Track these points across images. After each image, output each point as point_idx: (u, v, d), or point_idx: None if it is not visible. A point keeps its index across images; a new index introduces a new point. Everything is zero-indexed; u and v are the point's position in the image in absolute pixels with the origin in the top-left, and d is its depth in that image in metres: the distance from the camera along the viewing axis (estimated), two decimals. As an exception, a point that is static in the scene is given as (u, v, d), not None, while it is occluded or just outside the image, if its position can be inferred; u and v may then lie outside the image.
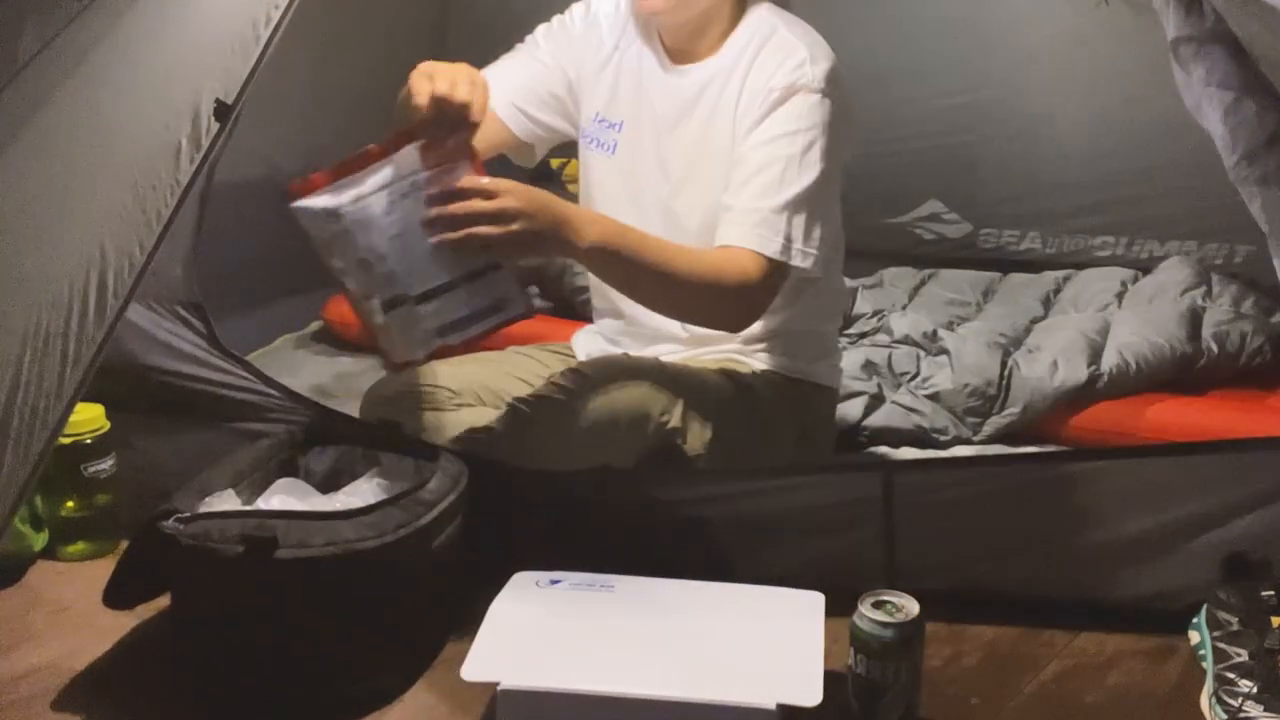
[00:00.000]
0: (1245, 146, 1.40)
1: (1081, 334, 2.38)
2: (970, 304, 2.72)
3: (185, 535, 1.45)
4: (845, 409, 2.19)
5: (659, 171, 1.86)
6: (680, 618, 1.53)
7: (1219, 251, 2.74)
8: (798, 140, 1.72)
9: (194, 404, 1.87)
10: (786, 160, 1.71)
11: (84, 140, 1.59)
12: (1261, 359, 2.35)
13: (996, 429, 2.23)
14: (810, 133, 1.72)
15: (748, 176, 1.72)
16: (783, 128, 1.73)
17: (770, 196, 1.70)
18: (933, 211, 2.96)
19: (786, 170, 1.71)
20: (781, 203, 1.70)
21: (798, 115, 1.73)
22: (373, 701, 1.52)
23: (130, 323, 1.81)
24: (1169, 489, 1.65)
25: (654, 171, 1.86)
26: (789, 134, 1.72)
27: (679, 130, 1.85)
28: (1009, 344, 2.41)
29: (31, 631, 1.68)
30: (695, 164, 1.83)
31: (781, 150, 1.72)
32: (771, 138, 1.73)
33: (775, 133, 1.73)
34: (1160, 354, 2.29)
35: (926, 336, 2.45)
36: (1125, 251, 2.85)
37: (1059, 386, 2.22)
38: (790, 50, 1.76)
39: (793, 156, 1.71)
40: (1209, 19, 1.41)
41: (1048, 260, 2.91)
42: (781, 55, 1.76)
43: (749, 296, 1.72)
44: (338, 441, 1.74)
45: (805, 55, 1.75)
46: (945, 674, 1.58)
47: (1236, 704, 1.42)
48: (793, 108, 1.73)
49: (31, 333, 1.43)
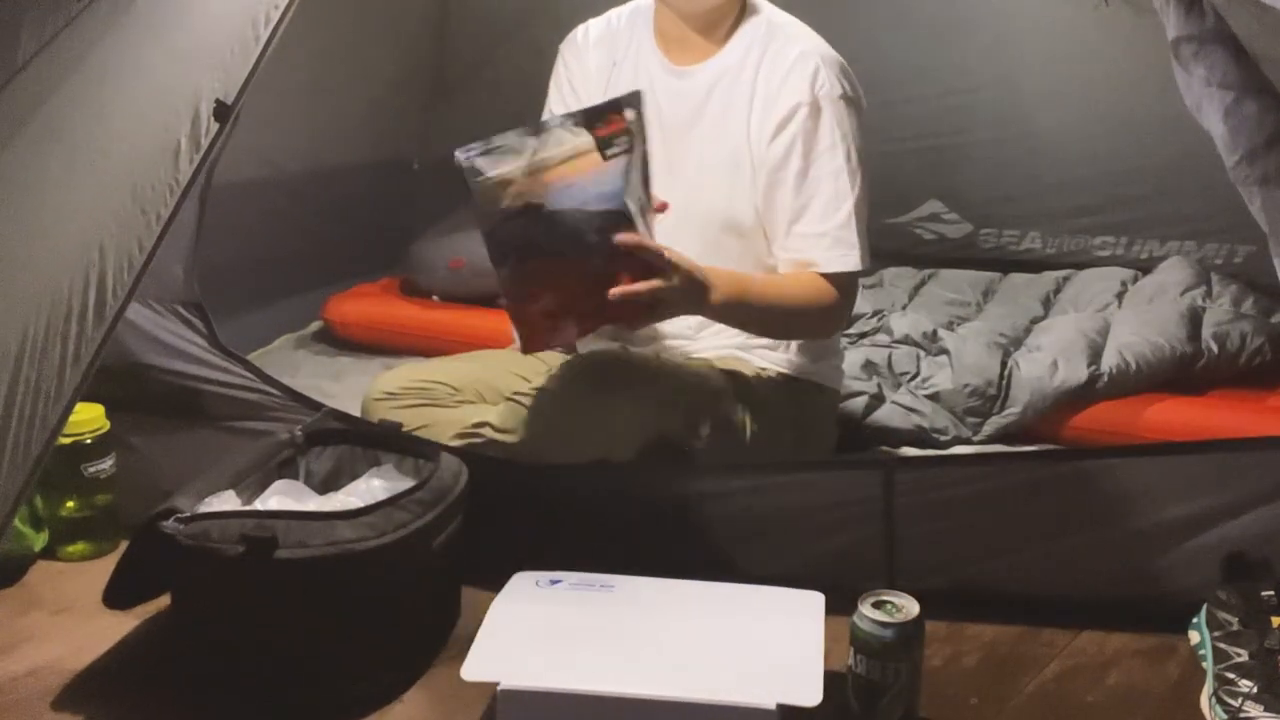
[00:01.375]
0: (1245, 146, 1.40)
1: (1081, 334, 2.38)
2: (970, 304, 2.72)
3: (185, 535, 1.45)
4: (845, 409, 2.19)
5: (668, 176, 1.86)
6: (680, 618, 1.53)
7: (1219, 251, 2.74)
8: (837, 154, 1.78)
9: (194, 404, 1.87)
10: (834, 176, 1.78)
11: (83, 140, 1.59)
12: (1261, 359, 2.35)
13: (996, 429, 2.23)
14: (845, 141, 1.78)
15: (807, 200, 1.78)
16: (822, 144, 1.78)
17: (831, 216, 1.77)
18: (933, 211, 2.96)
19: (838, 185, 1.78)
20: (843, 219, 1.78)
21: (830, 129, 1.77)
22: (373, 701, 1.52)
23: (130, 323, 1.81)
24: (1169, 489, 1.65)
25: (663, 176, 1.86)
26: (828, 149, 1.77)
27: (689, 134, 1.86)
28: (1009, 344, 2.41)
29: (31, 631, 1.68)
30: (707, 166, 1.84)
31: (826, 168, 1.77)
32: (815, 158, 1.77)
33: (817, 150, 1.77)
34: (1160, 354, 2.29)
35: (926, 336, 2.44)
36: (1125, 251, 2.85)
37: (1059, 386, 2.22)
38: (799, 56, 1.78)
39: (838, 170, 1.78)
40: (1209, 19, 1.41)
41: (1048, 260, 2.91)
42: (791, 61, 1.77)
43: (842, 308, 1.85)
44: (338, 441, 1.74)
45: (817, 62, 1.78)
46: (945, 674, 1.58)
47: (1236, 704, 1.42)
48: (825, 123, 1.77)
49: (31, 332, 1.43)
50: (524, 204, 1.55)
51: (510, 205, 1.55)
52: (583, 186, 1.57)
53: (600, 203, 1.57)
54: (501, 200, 1.55)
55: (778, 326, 1.84)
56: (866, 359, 2.34)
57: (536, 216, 1.55)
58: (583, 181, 1.57)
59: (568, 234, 1.57)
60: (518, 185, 1.55)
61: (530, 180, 1.55)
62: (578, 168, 1.57)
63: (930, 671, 1.50)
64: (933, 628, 1.51)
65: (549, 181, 1.55)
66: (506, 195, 1.55)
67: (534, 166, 1.55)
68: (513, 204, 1.55)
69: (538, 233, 1.56)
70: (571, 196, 1.56)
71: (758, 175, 1.81)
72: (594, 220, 1.57)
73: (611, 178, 1.58)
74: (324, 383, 2.48)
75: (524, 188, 1.55)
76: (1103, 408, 2.23)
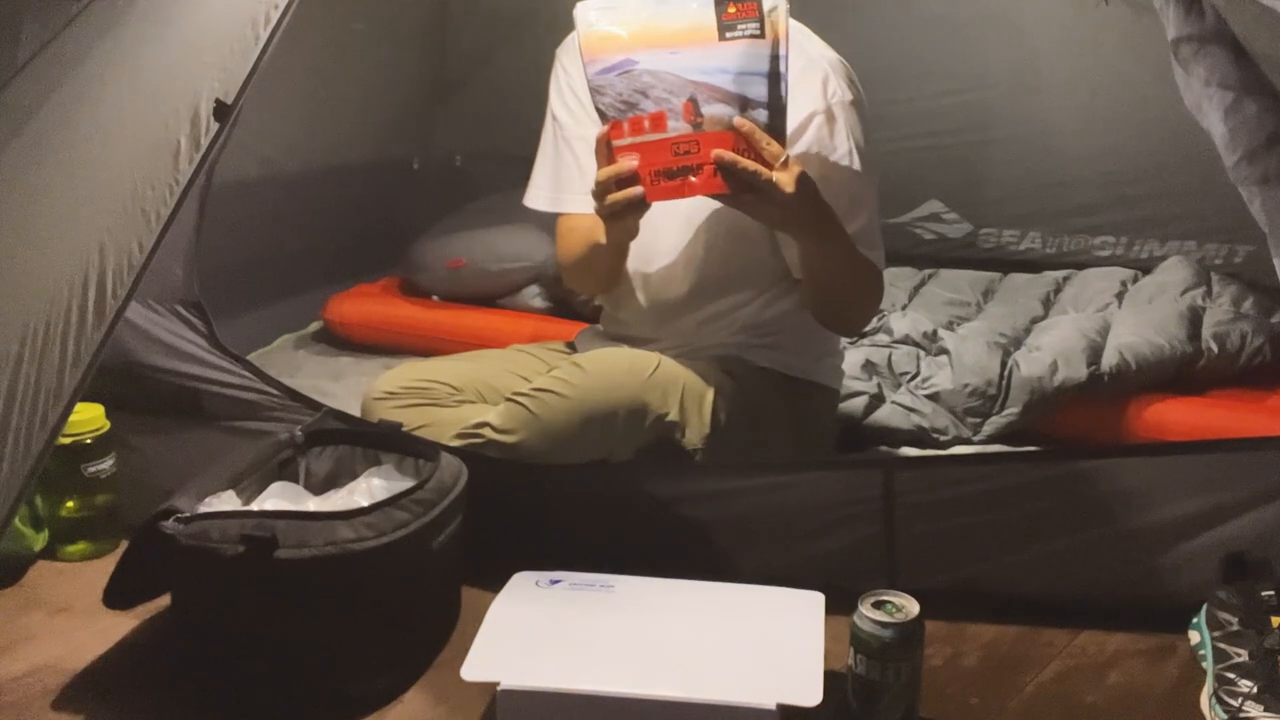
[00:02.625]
0: (1245, 146, 1.40)
1: (1081, 334, 2.38)
2: (970, 304, 2.72)
3: (185, 535, 1.45)
4: (845, 408, 2.19)
5: None
6: (680, 618, 1.53)
7: (1219, 251, 2.74)
8: (855, 156, 1.79)
9: (194, 404, 1.87)
10: (851, 181, 1.79)
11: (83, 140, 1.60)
12: (1261, 359, 2.35)
13: (996, 429, 2.23)
14: (859, 146, 1.79)
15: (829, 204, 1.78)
16: (839, 150, 1.79)
17: (857, 217, 1.79)
18: (933, 211, 2.96)
19: (855, 190, 1.79)
20: (864, 223, 1.80)
21: (844, 136, 1.79)
22: (373, 701, 1.52)
23: (130, 322, 1.81)
24: (1169, 488, 1.65)
25: None
26: (847, 153, 1.79)
27: None
28: (1009, 344, 2.41)
29: (31, 631, 1.68)
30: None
31: (845, 174, 1.79)
32: (835, 163, 1.78)
33: (836, 155, 1.78)
34: (1160, 354, 2.29)
35: (926, 336, 2.44)
36: (1125, 251, 2.85)
37: (1059, 386, 2.22)
38: (807, 63, 1.78)
39: (855, 175, 1.79)
40: (1209, 19, 1.41)
41: (1048, 260, 2.91)
42: (799, 68, 1.77)
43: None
44: (338, 441, 1.74)
45: (826, 69, 1.79)
46: (945, 674, 1.58)
47: (1236, 704, 1.42)
48: (841, 127, 1.78)
49: (31, 332, 1.43)
50: (623, 58, 1.59)
51: (606, 59, 1.59)
52: (690, 56, 1.59)
53: (703, 75, 1.59)
54: (601, 54, 1.59)
55: (837, 287, 1.82)
56: (866, 359, 2.33)
57: (633, 74, 1.59)
58: (691, 52, 1.59)
59: (661, 96, 1.60)
60: (620, 43, 1.59)
61: (634, 40, 1.59)
62: (689, 39, 1.59)
63: (930, 671, 1.50)
64: (933, 628, 1.50)
65: (653, 45, 1.59)
66: (608, 48, 1.59)
67: (644, 28, 1.59)
68: (607, 56, 1.59)
69: (629, 88, 1.60)
70: (675, 64, 1.59)
71: None
72: (688, 90, 1.59)
73: (726, 56, 1.59)
74: (324, 383, 2.48)
75: (626, 46, 1.59)
76: (1103, 408, 2.23)
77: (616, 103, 1.60)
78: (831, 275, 1.80)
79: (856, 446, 2.18)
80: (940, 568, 1.69)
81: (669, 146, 1.61)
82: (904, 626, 1.41)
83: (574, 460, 1.74)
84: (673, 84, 1.60)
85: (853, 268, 1.79)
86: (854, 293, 1.85)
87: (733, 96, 1.60)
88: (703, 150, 1.60)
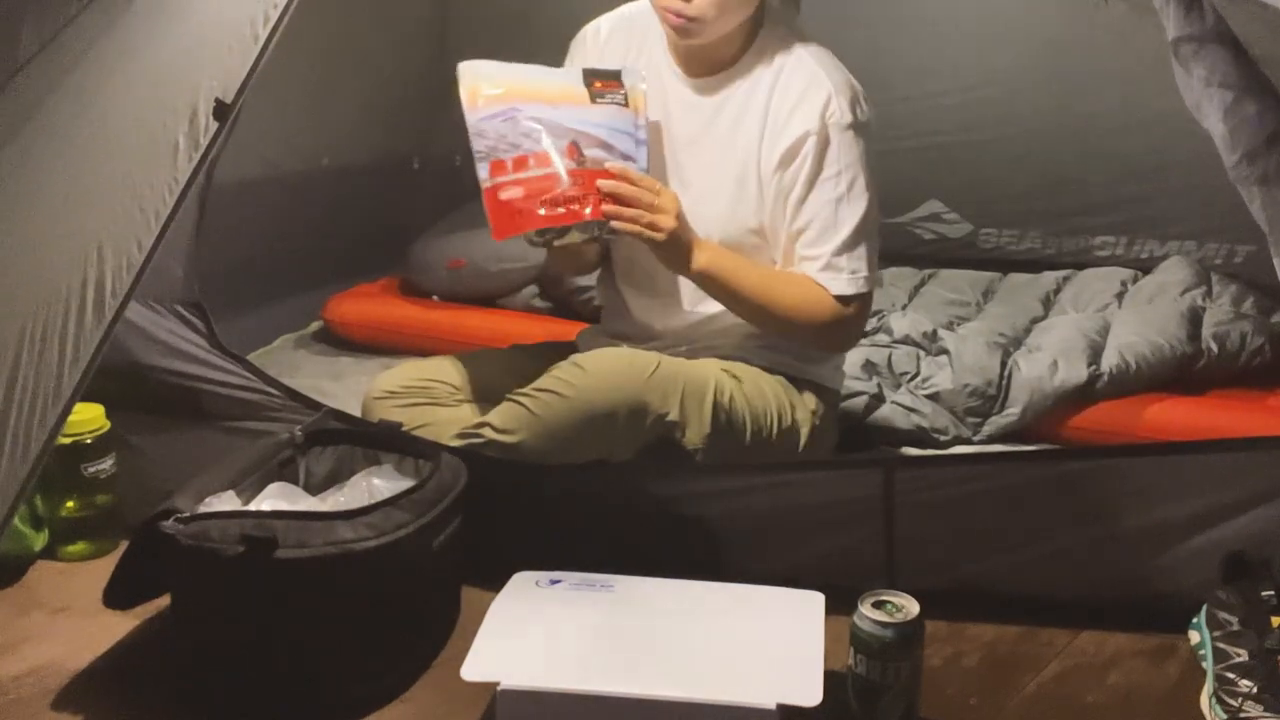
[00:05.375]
0: (1245, 146, 1.40)
1: (1081, 334, 2.38)
2: (970, 304, 2.72)
3: (185, 535, 1.45)
4: (845, 408, 2.19)
5: (677, 182, 1.86)
6: (680, 618, 1.53)
7: (1219, 251, 2.74)
8: (840, 183, 1.79)
9: (194, 404, 1.87)
10: (836, 203, 1.79)
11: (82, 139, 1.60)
12: (1261, 359, 2.35)
13: (996, 429, 2.23)
14: (851, 170, 1.79)
15: (804, 224, 1.81)
16: (826, 172, 1.79)
17: (825, 242, 1.79)
18: (933, 211, 2.96)
19: (839, 212, 1.79)
20: (837, 246, 1.79)
21: (836, 157, 1.78)
22: (373, 701, 1.52)
23: (130, 322, 1.81)
24: (1169, 488, 1.65)
25: (674, 183, 1.86)
26: (833, 177, 1.79)
27: (697, 146, 1.86)
28: (1009, 344, 2.41)
29: (31, 631, 1.68)
30: (713, 180, 1.85)
31: (829, 194, 1.79)
32: (818, 184, 1.79)
33: (820, 177, 1.79)
34: (1160, 354, 2.29)
35: (926, 336, 2.44)
36: (1125, 251, 2.85)
37: (1059, 386, 2.22)
38: (812, 81, 1.78)
39: (838, 198, 1.79)
40: (1209, 19, 1.41)
41: (1048, 260, 2.91)
42: (803, 86, 1.78)
43: (844, 325, 1.84)
44: (338, 441, 1.74)
45: (830, 90, 1.78)
46: (945, 674, 1.58)
47: (1236, 704, 1.43)
48: (833, 151, 1.78)
49: (30, 332, 1.43)
50: (507, 106, 1.72)
51: (489, 108, 1.72)
52: (567, 110, 1.75)
53: (581, 125, 1.75)
54: (480, 102, 1.72)
55: (770, 323, 1.85)
56: (866, 359, 2.33)
57: (516, 119, 1.72)
58: (569, 108, 1.76)
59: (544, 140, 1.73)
60: (503, 96, 1.73)
61: (515, 94, 1.74)
62: (565, 99, 1.77)
63: (930, 671, 1.50)
64: (933, 628, 1.51)
65: (534, 100, 1.74)
66: (490, 99, 1.72)
67: (524, 87, 1.75)
68: (490, 106, 1.72)
69: (513, 132, 1.72)
70: (555, 115, 1.74)
71: (764, 193, 1.82)
72: (569, 135, 1.74)
73: (600, 115, 1.77)
74: (324, 383, 2.47)
75: (508, 99, 1.73)
76: (1103, 408, 2.23)
77: (500, 144, 1.71)
78: (755, 316, 1.84)
79: (856, 446, 2.18)
80: (940, 568, 1.69)
81: (555, 180, 1.71)
82: (904, 626, 1.42)
83: (574, 460, 1.74)
84: (555, 129, 1.74)
85: (778, 306, 1.81)
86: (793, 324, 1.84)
87: (608, 146, 1.76)
88: (588, 183, 1.72)
